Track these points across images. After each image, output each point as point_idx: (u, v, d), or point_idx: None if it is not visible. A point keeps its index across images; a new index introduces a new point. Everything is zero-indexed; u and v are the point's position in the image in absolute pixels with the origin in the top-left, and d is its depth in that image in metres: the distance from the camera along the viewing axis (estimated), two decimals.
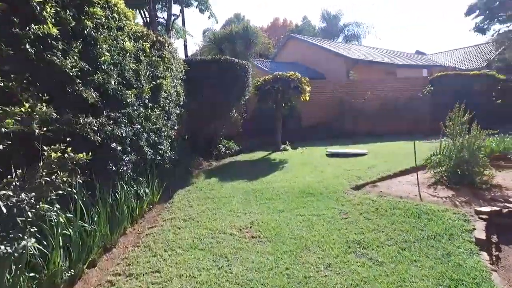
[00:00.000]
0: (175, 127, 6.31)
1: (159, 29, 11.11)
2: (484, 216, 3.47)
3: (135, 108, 4.32)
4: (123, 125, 3.83)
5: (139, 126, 4.39)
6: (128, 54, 4.06)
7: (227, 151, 9.32)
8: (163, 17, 11.58)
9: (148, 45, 4.83)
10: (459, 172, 4.73)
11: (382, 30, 71.50)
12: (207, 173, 6.93)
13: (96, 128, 3.14)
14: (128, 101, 4.00)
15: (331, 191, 4.86)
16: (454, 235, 3.21)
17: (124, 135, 3.83)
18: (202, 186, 5.75)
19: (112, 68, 3.54)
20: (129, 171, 4.04)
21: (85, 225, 3.07)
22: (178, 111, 6.42)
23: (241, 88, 8.65)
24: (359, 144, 10.05)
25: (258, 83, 9.64)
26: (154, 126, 5.02)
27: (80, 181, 2.94)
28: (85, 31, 3.03)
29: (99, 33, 3.25)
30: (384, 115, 13.24)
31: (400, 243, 3.17)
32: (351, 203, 4.33)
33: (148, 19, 10.26)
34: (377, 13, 69.85)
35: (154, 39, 5.23)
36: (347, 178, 5.55)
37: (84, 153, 2.65)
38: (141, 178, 4.57)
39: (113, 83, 3.45)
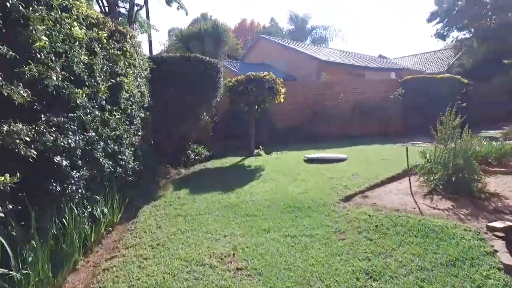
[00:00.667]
0: (139, 133, 5.48)
1: (120, 20, 10.05)
2: (499, 234, 3.08)
3: (88, 111, 3.51)
4: (70, 133, 3.01)
5: (93, 134, 3.57)
6: (78, 43, 3.25)
7: (196, 157, 8.57)
8: (125, 7, 10.53)
9: (106, 35, 4.02)
10: (453, 180, 4.39)
11: (348, 34, 73.65)
12: (176, 183, 6.17)
13: (29, 139, 2.34)
14: (78, 102, 3.19)
15: (319, 204, 4.33)
16: (475, 259, 2.77)
17: (72, 145, 3.02)
18: (172, 200, 4.99)
19: (53, 58, 2.73)
20: (80, 190, 3.22)
21: (12, 272, 2.25)
22: (142, 115, 5.60)
23: (212, 89, 7.94)
24: (336, 148, 9.71)
25: (230, 83, 8.99)
26: (114, 132, 4.20)
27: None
28: (8, 3, 2.20)
29: (31, 9, 2.44)
30: (357, 117, 13.11)
31: (416, 272, 2.67)
32: (345, 218, 3.81)
33: (106, 8, 9.20)
34: (344, 17, 71.73)
35: (113, 28, 4.42)
36: (333, 188, 5.06)
37: (8, 175, 1.87)
38: (97, 196, 3.75)
39: (54, 78, 2.63)
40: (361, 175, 5.80)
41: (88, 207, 3.55)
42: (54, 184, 2.81)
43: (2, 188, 1.87)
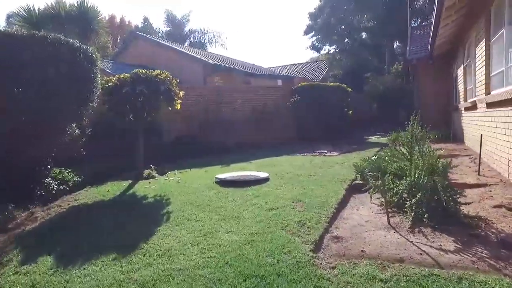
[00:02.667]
0: None
1: None
2: None
3: None
4: None
5: None
6: None
7: (61, 187, 6.00)
8: None
9: None
10: (434, 205, 3.62)
11: (229, 41, 75.00)
12: (26, 243, 3.71)
13: None
14: None
15: (288, 264, 2.80)
16: None
17: None
18: None
19: None
20: None
21: None
22: None
23: (85, 89, 5.54)
24: (242, 163, 8.47)
25: (110, 84, 6.69)
26: None
27: None
28: None
29: None
30: (254, 125, 12.30)
31: None
32: None
33: None
34: (223, 23, 72.59)
35: None
36: (285, 228, 3.69)
37: None
38: None
39: None
40: (304, 201, 4.64)
41: None
42: None
43: None
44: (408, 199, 3.91)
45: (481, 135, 5.61)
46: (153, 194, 5.56)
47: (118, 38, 38.86)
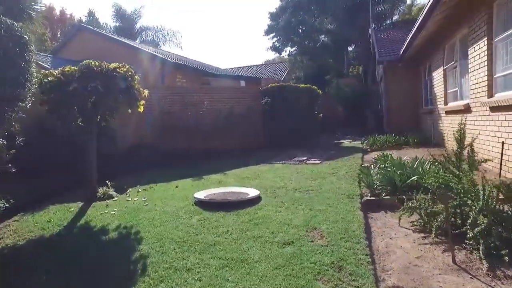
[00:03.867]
0: None
1: None
2: None
3: None
4: None
5: None
6: None
7: None
8: None
9: None
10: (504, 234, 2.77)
11: (184, 41, 72.07)
12: None
13: None
14: None
15: None
16: None
17: None
18: None
19: None
20: None
21: None
22: None
23: (12, 82, 3.95)
24: (216, 174, 7.26)
25: (50, 79, 5.12)
26: None
27: None
28: None
29: None
30: (222, 129, 11.08)
31: None
32: None
33: None
34: (179, 22, 69.53)
35: None
36: (317, 275, 2.60)
37: None
38: None
39: None
40: (321, 229, 3.60)
41: None
42: None
43: None
44: (467, 227, 3.03)
45: (503, 142, 5.03)
46: (116, 225, 4.16)
47: (58, 33, 35.06)
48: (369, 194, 4.99)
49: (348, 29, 21.44)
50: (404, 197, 4.16)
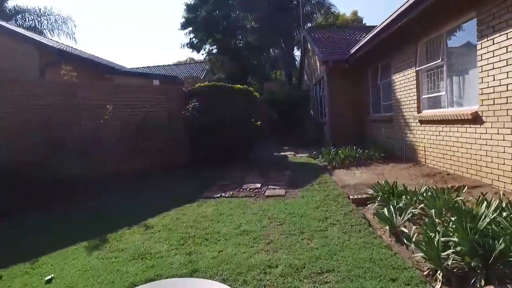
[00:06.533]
0: None
1: None
2: None
3: None
4: None
5: None
6: None
7: None
8: None
9: None
10: None
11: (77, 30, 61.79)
12: None
13: None
14: None
15: None
16: None
17: None
18: None
19: None
20: None
21: None
22: None
23: None
24: (133, 228, 4.24)
25: None
26: None
27: None
28: None
29: None
30: (131, 144, 7.90)
31: None
32: None
33: None
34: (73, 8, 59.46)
35: None
36: None
37: None
38: None
39: None
40: None
41: None
42: None
43: None
44: None
45: None
46: None
47: None
48: (440, 276, 2.72)
49: (271, 29, 19.89)
50: None
